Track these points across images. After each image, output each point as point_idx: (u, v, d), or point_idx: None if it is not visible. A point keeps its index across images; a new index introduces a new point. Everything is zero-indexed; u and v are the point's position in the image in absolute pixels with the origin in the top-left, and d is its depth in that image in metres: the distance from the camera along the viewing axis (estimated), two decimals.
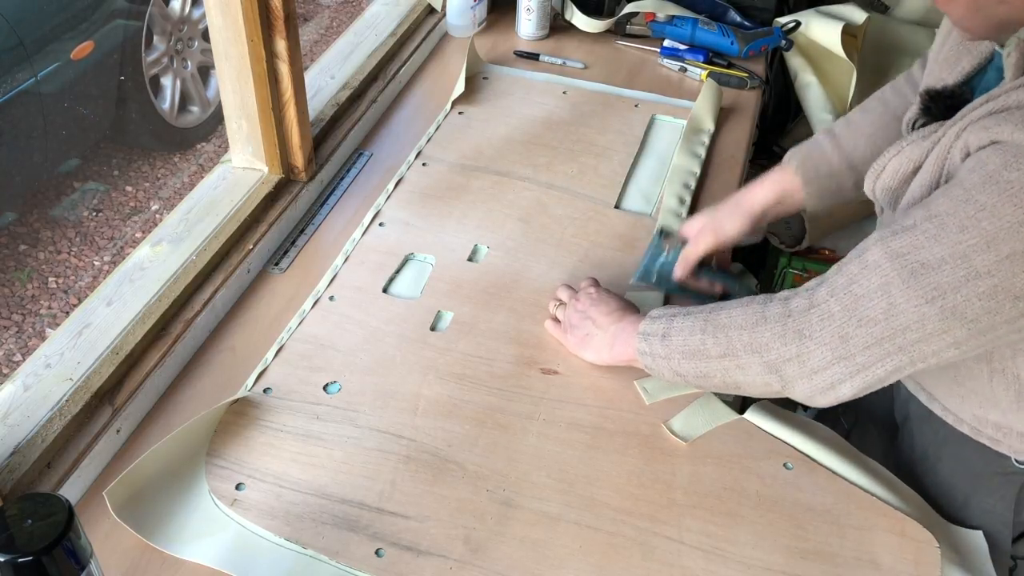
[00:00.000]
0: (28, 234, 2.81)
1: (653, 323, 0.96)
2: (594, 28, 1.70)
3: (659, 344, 0.94)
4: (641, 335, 0.96)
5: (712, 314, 0.91)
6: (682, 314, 0.94)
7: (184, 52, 3.16)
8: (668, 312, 0.96)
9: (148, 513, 0.88)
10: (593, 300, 1.05)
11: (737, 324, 0.88)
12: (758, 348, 0.86)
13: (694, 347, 0.91)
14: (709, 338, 0.90)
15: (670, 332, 0.93)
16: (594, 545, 0.88)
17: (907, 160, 0.85)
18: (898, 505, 0.92)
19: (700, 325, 0.91)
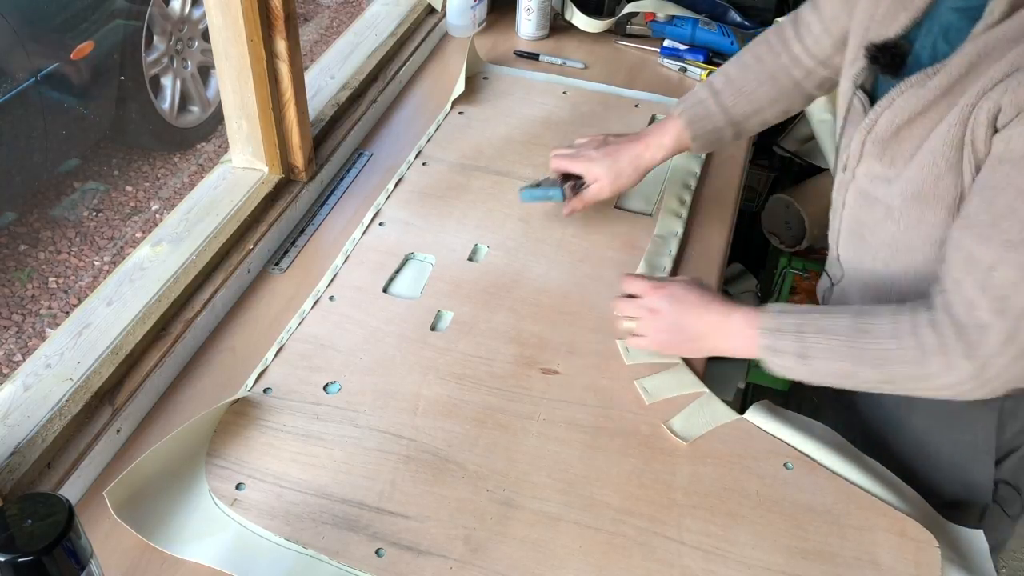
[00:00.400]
0: (28, 234, 2.81)
1: (777, 339, 0.93)
2: (594, 28, 1.70)
3: (794, 362, 0.93)
4: (767, 349, 0.94)
5: (858, 341, 0.89)
6: (812, 331, 0.91)
7: (184, 52, 3.16)
8: (788, 324, 0.93)
9: (148, 513, 0.88)
10: (677, 305, 1.01)
11: (896, 358, 0.88)
12: (924, 378, 0.88)
13: (846, 372, 0.91)
14: (865, 368, 0.89)
15: (808, 354, 0.91)
16: (594, 545, 0.88)
17: (900, 111, 0.88)
18: (898, 505, 0.92)
19: (846, 352, 0.90)
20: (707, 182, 1.38)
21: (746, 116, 1.16)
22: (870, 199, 0.98)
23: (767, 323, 0.94)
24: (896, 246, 0.96)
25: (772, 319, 0.94)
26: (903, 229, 0.94)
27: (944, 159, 0.86)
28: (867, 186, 0.97)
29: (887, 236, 0.97)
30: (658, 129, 1.20)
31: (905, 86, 0.89)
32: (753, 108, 1.16)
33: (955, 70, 0.84)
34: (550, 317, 1.12)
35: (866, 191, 0.98)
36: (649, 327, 1.02)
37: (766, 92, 1.15)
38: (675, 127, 1.18)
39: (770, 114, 1.17)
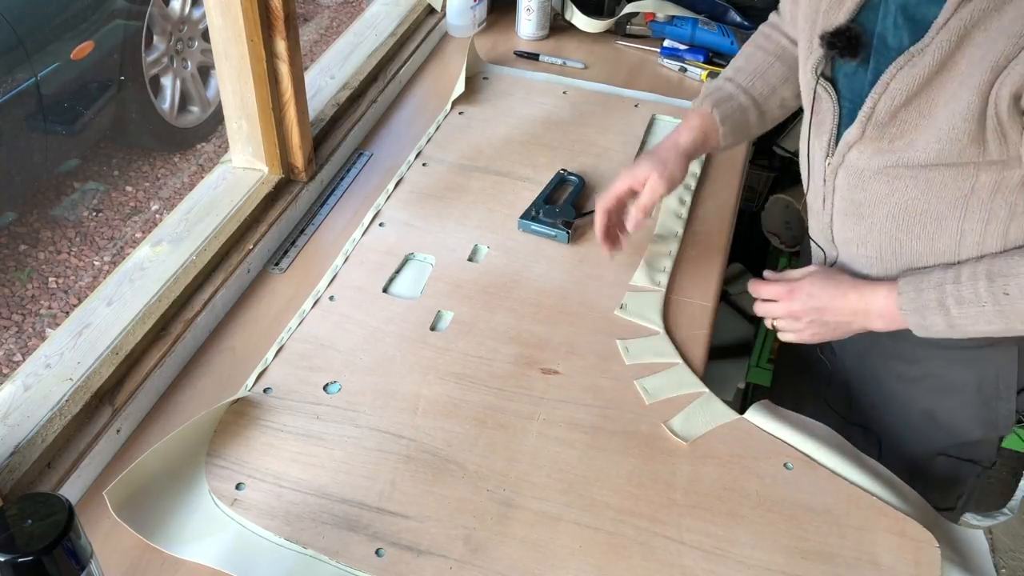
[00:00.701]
0: (28, 234, 2.81)
1: (923, 316, 0.97)
2: (594, 28, 1.70)
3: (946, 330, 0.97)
4: (917, 326, 0.98)
5: (1002, 304, 0.92)
6: (954, 302, 0.95)
7: (184, 52, 3.16)
8: (930, 300, 0.97)
9: (148, 513, 0.88)
10: (816, 301, 1.05)
11: None
12: None
13: (997, 330, 0.94)
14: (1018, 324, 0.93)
15: (957, 324, 0.95)
16: (594, 545, 0.88)
17: (897, 94, 0.90)
18: (898, 505, 0.92)
19: (996, 314, 0.93)
20: (707, 182, 1.38)
21: (764, 96, 1.17)
22: (866, 177, 1.00)
23: (907, 304, 0.98)
24: (906, 214, 0.99)
25: (910, 300, 0.98)
26: (915, 196, 0.96)
27: (966, 133, 0.88)
28: (863, 165, 0.99)
29: (893, 207, 0.99)
30: (685, 119, 1.18)
31: (895, 69, 0.90)
32: (769, 87, 1.17)
33: (945, 45, 0.85)
34: (550, 317, 1.12)
35: (861, 170, 1.00)
36: (795, 328, 1.08)
37: (777, 71, 1.17)
38: (701, 112, 1.16)
39: (787, 93, 1.18)
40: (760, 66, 1.17)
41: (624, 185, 1.13)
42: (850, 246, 1.08)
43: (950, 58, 0.86)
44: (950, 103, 0.87)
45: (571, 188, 1.32)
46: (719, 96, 1.16)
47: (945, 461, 1.15)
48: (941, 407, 1.12)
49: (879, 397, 1.17)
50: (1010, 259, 0.94)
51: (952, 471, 1.17)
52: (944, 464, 1.16)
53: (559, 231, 1.23)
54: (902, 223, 0.99)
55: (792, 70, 1.16)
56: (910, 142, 0.93)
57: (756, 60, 1.18)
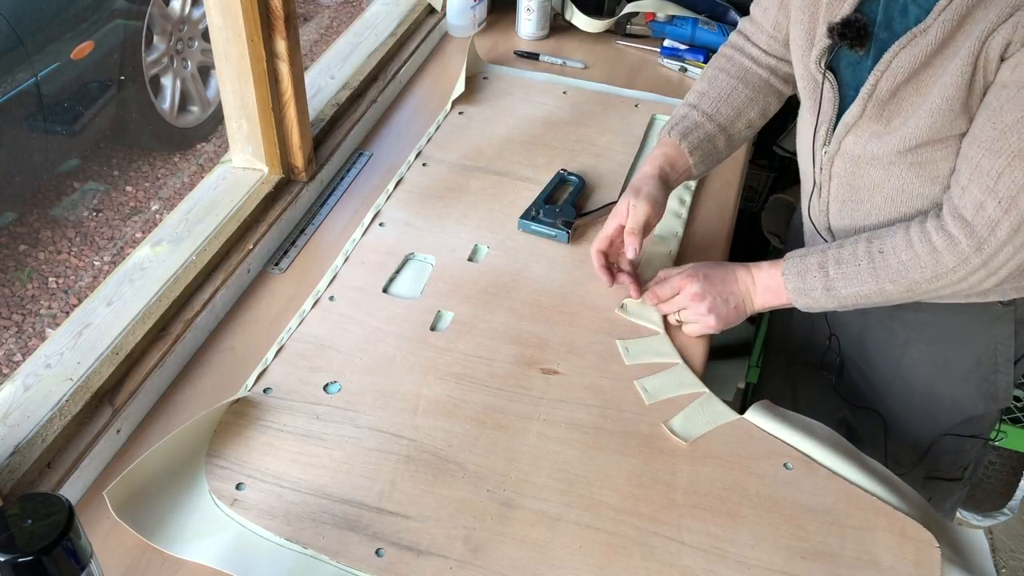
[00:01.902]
0: (28, 234, 2.81)
1: (803, 279, 1.02)
2: (594, 28, 1.70)
3: (823, 296, 1.02)
4: (796, 291, 1.03)
5: (878, 261, 0.99)
6: (833, 263, 1.01)
7: (184, 52, 3.16)
8: (812, 263, 1.02)
9: (148, 513, 0.88)
10: (712, 282, 1.08)
11: (913, 265, 0.97)
12: (941, 275, 0.96)
13: (870, 292, 1.00)
14: (888, 283, 0.98)
15: (834, 286, 1.01)
16: (594, 545, 0.88)
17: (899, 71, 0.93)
18: (898, 505, 0.92)
19: (869, 274, 0.99)
20: (707, 182, 1.38)
21: (730, 120, 1.17)
22: (862, 162, 1.03)
23: (790, 268, 1.04)
24: (902, 196, 1.02)
25: (793, 264, 1.04)
26: (910, 177, 1.00)
27: (958, 101, 0.90)
28: (859, 151, 1.02)
29: (890, 190, 1.02)
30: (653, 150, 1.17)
31: (897, 48, 0.93)
32: (735, 110, 1.17)
33: (948, 24, 0.88)
34: (550, 317, 1.12)
35: (857, 156, 1.03)
36: (700, 311, 1.08)
37: (741, 93, 1.18)
38: (669, 143, 1.16)
39: (753, 114, 1.19)
40: (724, 90, 1.17)
41: (611, 225, 1.12)
42: (848, 232, 1.10)
43: (950, 36, 0.89)
44: (943, 76, 0.90)
45: (571, 188, 1.32)
46: (685, 126, 1.16)
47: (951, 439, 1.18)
48: (942, 385, 1.15)
49: (881, 381, 1.19)
50: (890, 227, 1.00)
51: (957, 446, 1.20)
52: (950, 441, 1.19)
53: (559, 231, 1.23)
54: (900, 205, 1.03)
55: (757, 92, 1.18)
56: (905, 120, 0.95)
57: (719, 84, 1.18)
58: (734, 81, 1.18)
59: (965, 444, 1.21)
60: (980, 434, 1.21)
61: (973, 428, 1.20)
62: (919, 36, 0.91)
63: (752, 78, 1.18)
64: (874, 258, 0.99)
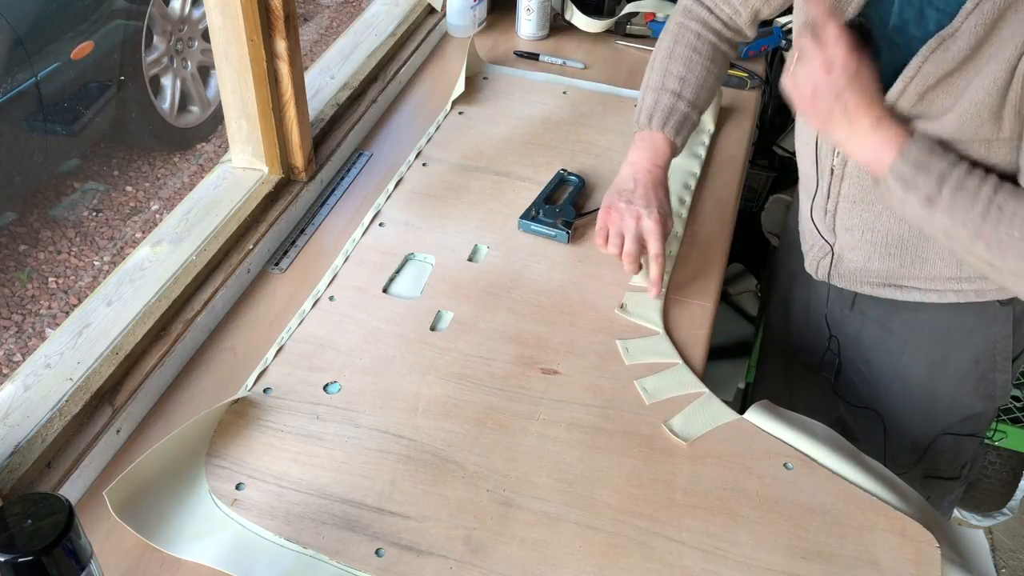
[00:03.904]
0: (28, 234, 2.81)
1: (915, 174, 0.90)
2: (594, 28, 1.70)
3: (917, 203, 0.90)
4: (897, 176, 0.91)
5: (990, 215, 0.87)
6: (953, 184, 0.89)
7: (184, 52, 3.16)
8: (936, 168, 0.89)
9: (148, 513, 0.88)
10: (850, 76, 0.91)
11: (1016, 249, 0.86)
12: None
13: (959, 237, 0.89)
14: (981, 244, 0.88)
15: (935, 203, 0.89)
16: (594, 545, 0.88)
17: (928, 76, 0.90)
18: (898, 505, 0.92)
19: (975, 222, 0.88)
20: (707, 182, 1.38)
21: (706, 103, 1.18)
22: None
23: (911, 153, 0.90)
24: None
25: (917, 149, 0.90)
26: None
27: (987, 108, 0.87)
28: None
29: None
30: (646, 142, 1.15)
31: (927, 52, 0.89)
32: (710, 93, 1.18)
33: (979, 29, 0.85)
34: (550, 317, 1.12)
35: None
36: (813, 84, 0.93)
37: (712, 75, 1.17)
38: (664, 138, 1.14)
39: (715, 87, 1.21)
40: (700, 75, 1.16)
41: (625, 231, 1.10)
42: (854, 233, 1.09)
43: (983, 41, 0.86)
44: (975, 80, 0.88)
45: (571, 188, 1.32)
46: (678, 120, 1.14)
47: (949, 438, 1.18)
48: (941, 385, 1.16)
49: (879, 380, 1.20)
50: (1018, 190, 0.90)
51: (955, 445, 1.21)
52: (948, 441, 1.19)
53: (559, 231, 1.23)
54: None
55: (722, 69, 1.19)
56: (930, 123, 0.92)
57: (696, 69, 1.16)
58: (707, 63, 1.16)
59: (963, 443, 1.21)
60: (978, 433, 1.22)
61: (971, 427, 1.20)
62: (948, 40, 0.88)
63: (718, 57, 1.18)
64: (989, 211, 0.87)
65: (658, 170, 1.13)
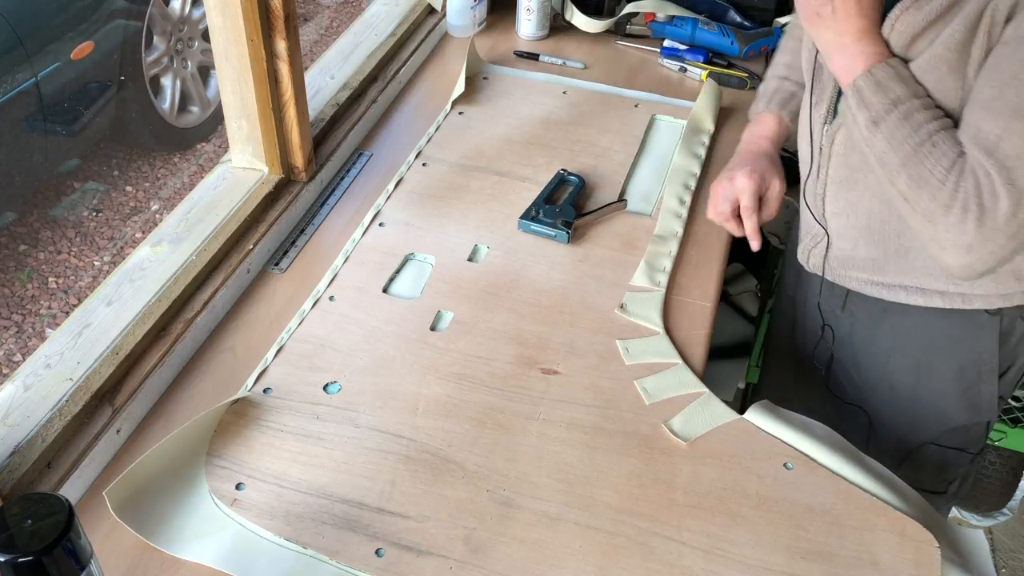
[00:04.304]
0: (28, 234, 2.81)
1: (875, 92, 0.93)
2: (594, 28, 1.70)
3: (864, 118, 0.94)
4: (857, 90, 0.94)
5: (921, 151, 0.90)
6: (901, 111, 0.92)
7: (184, 52, 3.16)
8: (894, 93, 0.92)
9: (148, 513, 0.88)
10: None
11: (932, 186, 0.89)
12: (935, 219, 0.89)
13: (888, 163, 0.92)
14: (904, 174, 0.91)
15: (881, 123, 0.92)
16: (594, 545, 0.88)
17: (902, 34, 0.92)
18: (898, 505, 0.92)
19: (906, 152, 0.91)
20: (707, 182, 1.37)
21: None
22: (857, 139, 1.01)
23: (879, 73, 0.93)
24: None
25: (886, 73, 0.93)
26: None
27: (946, 62, 0.89)
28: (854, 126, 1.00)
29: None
30: (761, 123, 1.25)
31: (899, 10, 0.91)
32: None
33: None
34: (550, 317, 1.12)
35: (853, 132, 1.02)
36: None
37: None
38: (775, 117, 1.24)
39: None
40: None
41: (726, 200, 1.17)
42: (840, 218, 1.10)
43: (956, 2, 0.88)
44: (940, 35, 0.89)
45: (571, 188, 1.32)
46: (783, 96, 1.23)
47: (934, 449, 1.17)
48: (926, 391, 1.14)
49: (867, 381, 1.19)
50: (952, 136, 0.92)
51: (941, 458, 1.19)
52: (933, 451, 1.17)
53: (559, 231, 1.23)
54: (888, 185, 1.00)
55: None
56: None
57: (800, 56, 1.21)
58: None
59: (948, 456, 1.19)
60: (966, 448, 1.19)
61: (958, 440, 1.18)
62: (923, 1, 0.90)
63: None
64: (922, 145, 0.90)
65: (763, 140, 1.21)
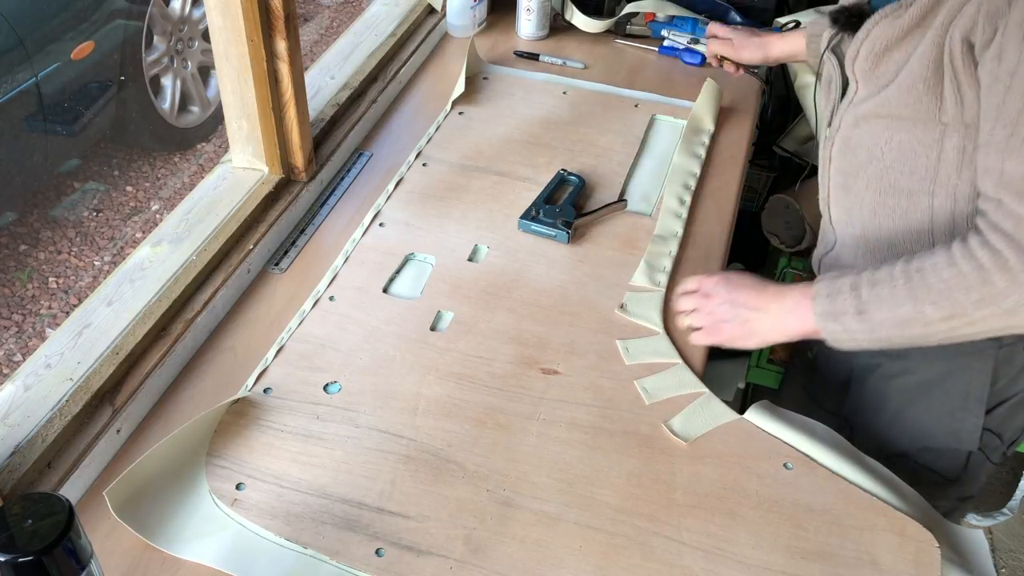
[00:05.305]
0: (28, 234, 2.81)
1: (833, 302, 0.93)
2: (594, 28, 1.70)
3: (855, 321, 0.92)
4: (825, 315, 0.94)
5: (916, 279, 0.89)
6: (867, 284, 0.92)
7: (184, 52, 3.16)
8: (844, 284, 0.93)
9: (148, 513, 0.88)
10: (727, 286, 1.02)
11: (958, 285, 0.86)
12: (993, 299, 0.85)
13: (908, 317, 0.89)
14: (927, 305, 0.88)
15: (866, 309, 0.91)
16: (594, 545, 0.88)
17: (877, 40, 0.94)
18: (898, 505, 0.92)
19: (906, 295, 0.89)
20: (707, 182, 1.38)
21: None
22: (851, 145, 1.02)
23: (821, 289, 0.94)
24: (882, 184, 1.00)
25: (826, 285, 0.94)
26: (888, 164, 0.98)
27: (923, 80, 0.89)
28: (849, 132, 1.02)
29: (871, 178, 1.01)
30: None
31: (879, 16, 0.93)
32: None
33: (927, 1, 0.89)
34: (550, 317, 1.12)
35: (847, 138, 1.03)
36: (706, 313, 1.03)
37: None
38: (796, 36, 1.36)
39: None
40: None
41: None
42: (842, 225, 1.10)
43: (929, 12, 0.89)
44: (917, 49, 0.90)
45: (571, 188, 1.32)
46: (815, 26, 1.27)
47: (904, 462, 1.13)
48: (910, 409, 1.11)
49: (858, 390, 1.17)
50: (930, 250, 0.92)
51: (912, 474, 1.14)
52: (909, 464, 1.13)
53: (559, 231, 1.23)
54: (879, 196, 1.01)
55: None
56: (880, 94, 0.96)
57: None
58: None
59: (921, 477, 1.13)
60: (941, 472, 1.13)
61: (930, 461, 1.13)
62: (901, 9, 0.91)
63: None
64: (911, 277, 0.89)
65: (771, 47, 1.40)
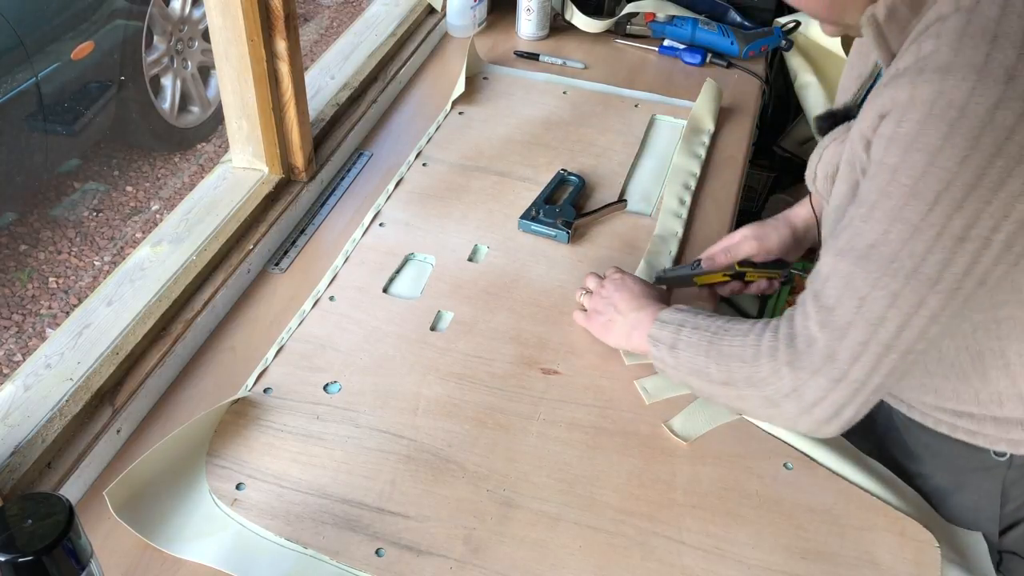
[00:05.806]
0: (28, 234, 2.81)
1: (663, 328, 0.96)
2: (594, 28, 1.70)
3: (667, 353, 0.95)
4: (651, 338, 0.97)
5: (717, 337, 0.90)
6: (690, 326, 0.94)
7: (184, 52, 3.16)
8: (678, 319, 0.96)
9: (148, 513, 0.88)
10: (617, 286, 1.07)
11: (737, 355, 0.87)
12: (756, 383, 0.85)
13: (699, 367, 0.91)
14: (712, 363, 0.89)
15: (677, 345, 0.94)
16: (594, 545, 0.88)
17: (828, 163, 0.92)
18: (898, 505, 0.92)
19: (705, 347, 0.91)
20: (707, 182, 1.38)
21: None
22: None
23: (664, 315, 0.98)
24: None
25: (669, 313, 0.98)
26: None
27: (846, 181, 0.86)
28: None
29: None
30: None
31: (829, 139, 0.92)
32: None
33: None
34: (550, 317, 1.12)
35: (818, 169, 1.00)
36: (593, 299, 1.09)
37: None
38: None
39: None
40: None
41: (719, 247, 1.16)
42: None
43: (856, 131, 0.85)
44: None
45: (571, 188, 1.32)
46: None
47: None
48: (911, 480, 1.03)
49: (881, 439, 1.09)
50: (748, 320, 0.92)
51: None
52: None
53: (559, 231, 1.23)
54: None
55: None
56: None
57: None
58: None
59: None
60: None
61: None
62: (846, 131, 0.89)
63: None
64: (717, 333, 0.90)
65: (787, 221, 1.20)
